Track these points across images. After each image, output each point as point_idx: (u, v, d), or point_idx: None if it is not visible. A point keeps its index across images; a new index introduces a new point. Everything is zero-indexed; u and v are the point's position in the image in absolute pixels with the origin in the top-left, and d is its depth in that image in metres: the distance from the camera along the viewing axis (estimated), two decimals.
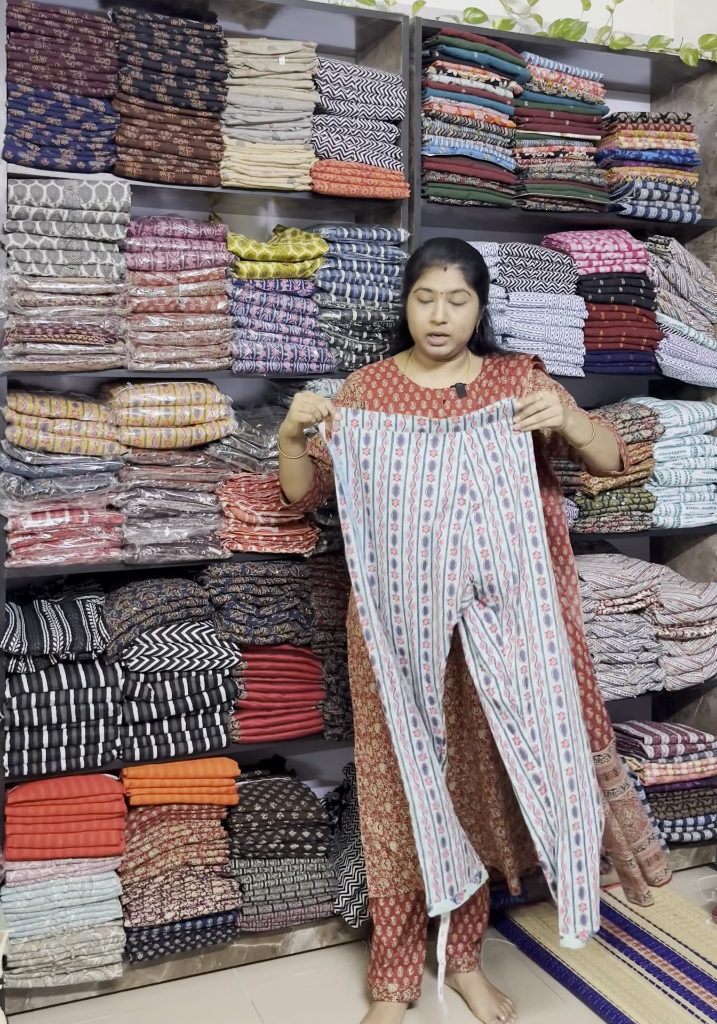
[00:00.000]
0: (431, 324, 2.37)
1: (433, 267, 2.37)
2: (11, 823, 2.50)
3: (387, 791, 2.43)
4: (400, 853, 2.43)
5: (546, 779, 2.19)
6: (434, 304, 2.37)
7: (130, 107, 2.54)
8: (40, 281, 2.47)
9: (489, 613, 2.25)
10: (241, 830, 2.72)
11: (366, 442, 2.28)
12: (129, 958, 2.61)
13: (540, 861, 2.20)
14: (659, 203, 3.18)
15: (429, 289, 2.37)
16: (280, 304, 2.72)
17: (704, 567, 3.42)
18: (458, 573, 2.22)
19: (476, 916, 2.62)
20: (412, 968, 2.54)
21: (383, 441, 2.28)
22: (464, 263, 2.38)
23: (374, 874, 2.46)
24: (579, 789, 2.19)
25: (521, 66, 2.99)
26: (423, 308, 2.39)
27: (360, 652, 2.43)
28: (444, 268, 2.36)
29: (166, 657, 2.60)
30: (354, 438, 2.28)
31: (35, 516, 2.51)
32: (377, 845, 2.46)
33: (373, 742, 2.43)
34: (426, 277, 2.37)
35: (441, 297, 2.36)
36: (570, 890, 2.15)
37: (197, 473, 2.66)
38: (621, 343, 3.16)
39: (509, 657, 2.23)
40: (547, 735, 2.20)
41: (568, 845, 2.16)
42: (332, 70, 2.74)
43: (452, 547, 2.23)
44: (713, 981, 2.65)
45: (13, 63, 2.44)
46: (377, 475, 2.27)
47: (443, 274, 2.36)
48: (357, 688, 2.47)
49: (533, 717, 2.21)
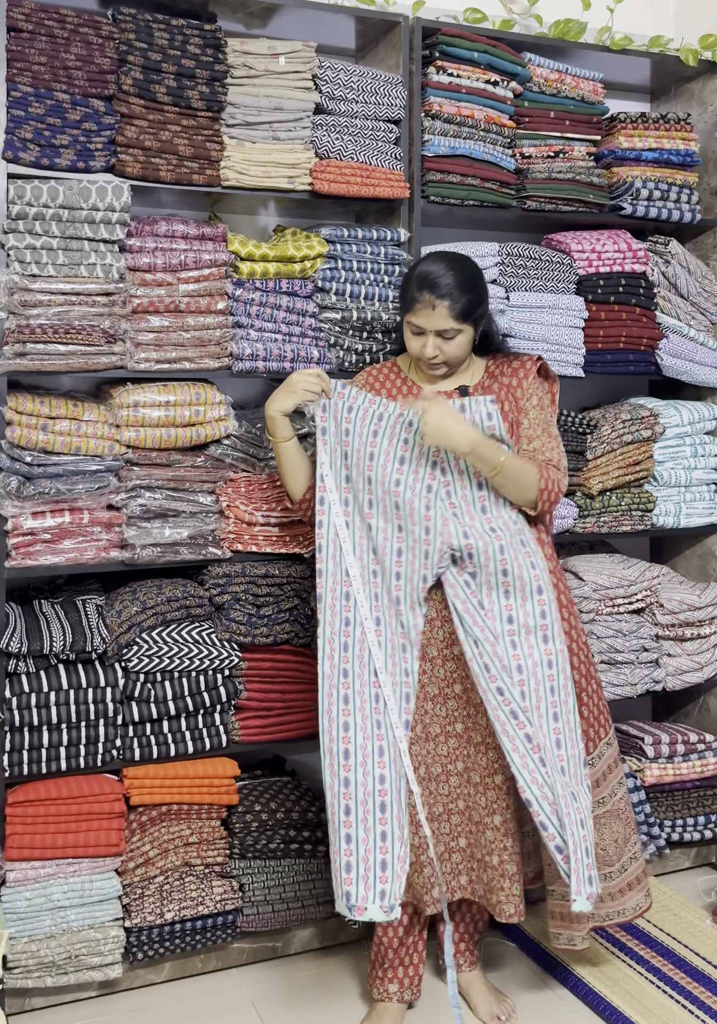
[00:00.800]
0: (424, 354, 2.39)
1: (423, 303, 2.34)
2: (11, 823, 2.51)
3: None
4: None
5: (538, 739, 2.21)
6: (425, 338, 2.38)
7: (130, 107, 2.54)
8: (40, 281, 2.47)
9: (467, 579, 2.29)
10: (241, 830, 2.73)
11: (349, 412, 2.39)
12: (129, 958, 2.61)
13: (538, 822, 2.16)
14: (659, 203, 3.18)
15: (419, 326, 2.37)
16: (280, 304, 2.72)
17: (704, 567, 3.42)
18: (433, 539, 2.27)
19: (477, 915, 2.62)
20: (413, 968, 2.54)
21: (365, 413, 2.38)
22: (452, 301, 2.33)
23: None
24: (567, 750, 2.22)
25: (521, 66, 2.99)
26: (415, 339, 2.41)
27: None
28: (432, 307, 2.34)
29: (166, 657, 2.60)
30: (338, 408, 2.39)
31: (35, 516, 2.51)
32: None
33: None
34: (416, 313, 2.36)
35: (431, 334, 2.37)
36: (579, 848, 2.14)
37: (197, 473, 2.66)
38: (621, 343, 3.16)
39: (492, 620, 2.26)
40: (537, 696, 2.23)
41: (569, 802, 2.16)
42: (332, 70, 2.74)
43: (425, 514, 2.29)
44: (713, 981, 2.65)
45: (13, 63, 2.44)
46: (356, 442, 2.36)
47: (431, 313, 2.34)
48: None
49: (523, 678, 2.23)
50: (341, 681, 2.23)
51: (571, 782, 2.20)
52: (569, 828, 2.14)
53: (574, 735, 2.25)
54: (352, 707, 2.21)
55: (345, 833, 2.12)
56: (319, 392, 2.39)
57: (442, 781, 2.40)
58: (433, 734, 2.40)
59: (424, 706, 2.39)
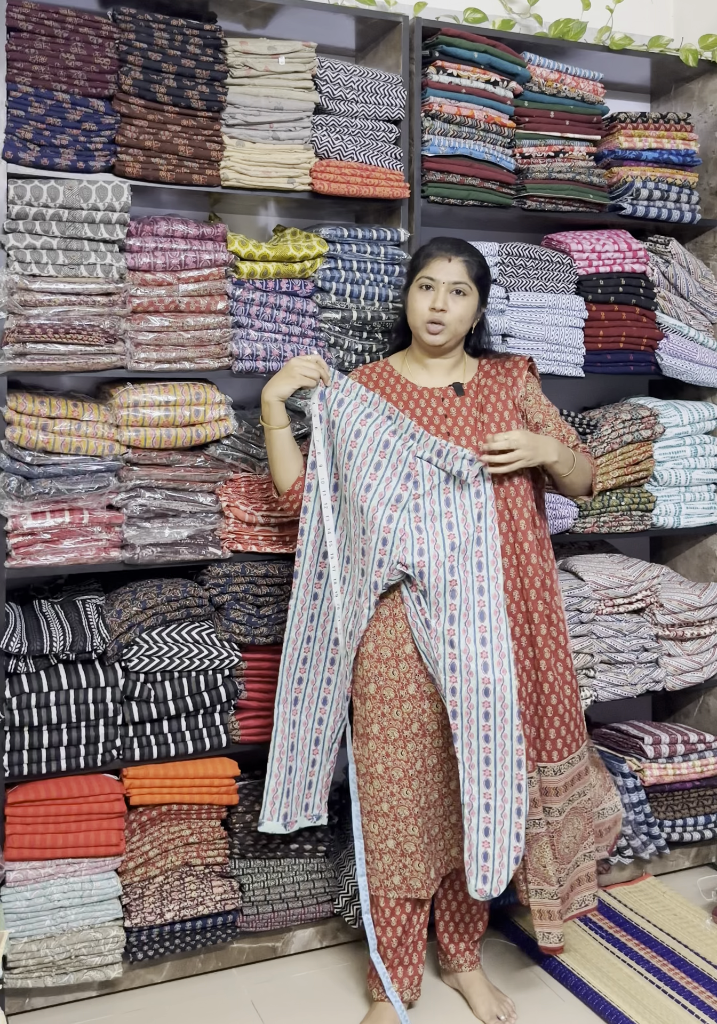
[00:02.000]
0: (430, 311, 2.43)
1: (438, 257, 2.45)
2: (11, 823, 2.50)
3: (384, 791, 2.43)
4: (398, 851, 2.43)
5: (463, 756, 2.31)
6: (435, 292, 2.44)
7: (130, 107, 2.54)
8: (40, 281, 2.47)
9: (419, 596, 2.37)
10: (241, 830, 2.73)
11: (339, 405, 2.44)
12: (129, 958, 2.61)
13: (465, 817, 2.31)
14: (659, 203, 3.18)
15: (432, 278, 2.44)
16: (280, 304, 2.72)
17: (704, 567, 3.42)
18: (388, 550, 2.33)
19: (477, 915, 2.62)
20: (412, 968, 2.54)
21: (353, 408, 2.43)
22: (468, 257, 2.46)
23: (367, 871, 2.47)
24: (497, 768, 2.29)
25: (521, 66, 2.99)
26: (424, 296, 2.45)
27: (359, 653, 2.44)
28: (448, 259, 2.44)
29: (166, 657, 2.60)
30: (330, 398, 2.45)
31: (35, 516, 2.51)
32: (371, 844, 2.46)
33: (370, 743, 2.43)
34: (430, 267, 2.45)
35: (443, 287, 2.43)
36: (475, 849, 2.29)
37: (197, 473, 2.66)
38: (621, 343, 3.16)
39: (435, 640, 2.34)
40: (469, 719, 2.30)
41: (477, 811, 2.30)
42: (332, 70, 2.74)
43: (386, 525, 2.34)
44: (713, 981, 2.65)
45: (13, 63, 2.44)
46: (339, 437, 2.42)
47: (447, 265, 2.44)
48: (355, 688, 2.47)
49: (456, 700, 2.30)
50: (303, 646, 2.50)
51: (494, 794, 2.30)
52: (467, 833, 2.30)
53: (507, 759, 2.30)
54: (308, 667, 2.51)
55: (288, 765, 2.51)
56: (317, 378, 2.43)
57: (438, 770, 2.46)
58: (430, 731, 2.43)
59: (421, 705, 2.42)
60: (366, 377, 2.54)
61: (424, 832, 2.44)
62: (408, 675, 2.41)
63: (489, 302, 2.95)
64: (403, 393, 2.49)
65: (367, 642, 2.42)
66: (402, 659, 2.41)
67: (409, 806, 2.41)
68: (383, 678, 2.42)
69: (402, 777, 2.41)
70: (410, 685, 2.41)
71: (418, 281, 2.47)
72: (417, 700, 2.41)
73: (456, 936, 2.62)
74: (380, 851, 2.45)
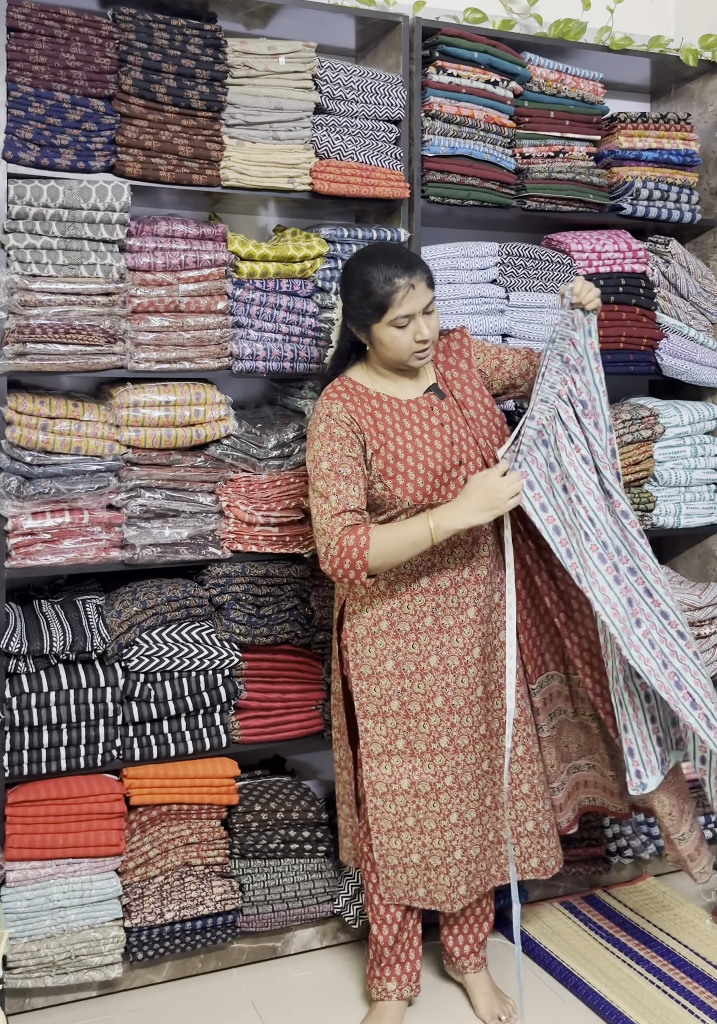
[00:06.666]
0: (417, 344, 2.31)
1: (401, 289, 2.26)
2: (11, 823, 2.51)
3: (409, 806, 2.40)
4: (422, 864, 2.41)
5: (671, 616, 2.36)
6: (414, 324, 2.29)
7: (130, 107, 2.54)
8: (40, 281, 2.47)
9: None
10: (241, 830, 2.73)
11: (551, 469, 2.31)
12: (129, 958, 2.61)
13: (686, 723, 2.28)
14: (659, 203, 3.18)
15: (407, 315, 2.28)
16: (280, 304, 2.72)
17: (704, 567, 3.42)
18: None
19: (482, 917, 2.62)
20: (410, 965, 2.54)
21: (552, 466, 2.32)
22: (421, 269, 2.30)
23: (388, 885, 2.44)
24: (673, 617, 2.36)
25: (521, 66, 2.99)
26: (403, 333, 2.29)
27: (374, 673, 2.39)
28: (411, 286, 2.27)
29: (166, 657, 2.60)
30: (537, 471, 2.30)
31: (35, 516, 2.51)
32: (394, 860, 2.42)
33: (394, 758, 2.40)
34: (400, 304, 2.26)
35: (419, 315, 2.29)
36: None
37: (197, 473, 2.66)
38: (621, 343, 3.16)
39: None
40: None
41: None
42: (332, 70, 2.74)
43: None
44: (713, 981, 2.65)
45: (13, 63, 2.44)
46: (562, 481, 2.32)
47: (414, 293, 2.27)
48: (369, 709, 2.41)
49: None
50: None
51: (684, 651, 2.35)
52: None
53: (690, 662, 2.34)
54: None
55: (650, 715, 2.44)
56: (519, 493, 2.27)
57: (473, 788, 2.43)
58: (461, 746, 2.40)
59: (450, 719, 2.39)
60: (349, 399, 2.35)
61: (454, 847, 2.40)
62: (434, 688, 2.38)
63: (489, 302, 2.97)
64: (394, 412, 2.37)
65: (385, 660, 2.39)
66: (427, 672, 2.38)
67: (436, 819, 2.39)
68: (407, 693, 2.38)
69: (429, 791, 2.39)
70: (437, 698, 2.38)
71: (391, 323, 2.28)
72: (444, 713, 2.38)
73: (461, 939, 2.61)
74: (403, 865, 2.42)
